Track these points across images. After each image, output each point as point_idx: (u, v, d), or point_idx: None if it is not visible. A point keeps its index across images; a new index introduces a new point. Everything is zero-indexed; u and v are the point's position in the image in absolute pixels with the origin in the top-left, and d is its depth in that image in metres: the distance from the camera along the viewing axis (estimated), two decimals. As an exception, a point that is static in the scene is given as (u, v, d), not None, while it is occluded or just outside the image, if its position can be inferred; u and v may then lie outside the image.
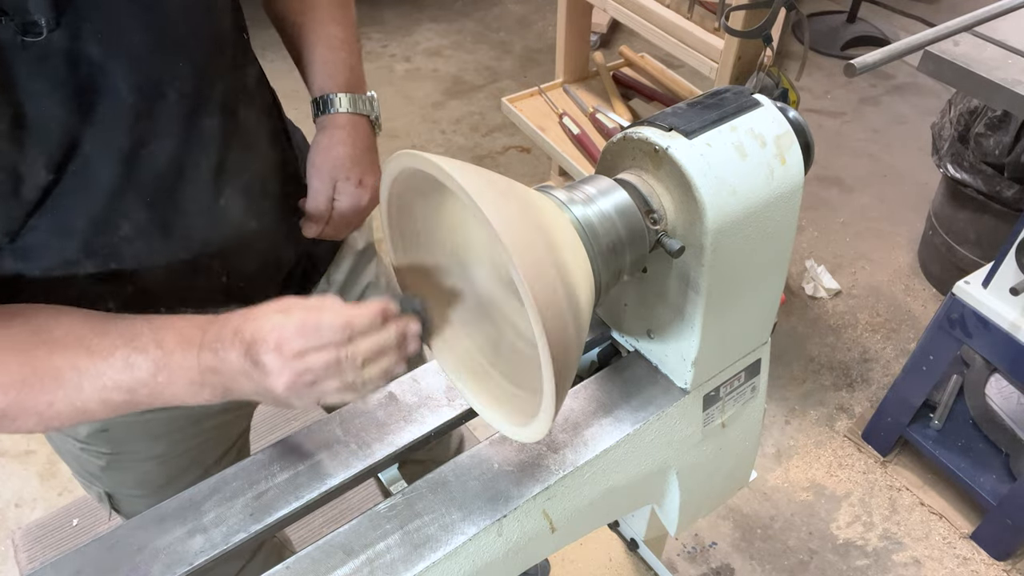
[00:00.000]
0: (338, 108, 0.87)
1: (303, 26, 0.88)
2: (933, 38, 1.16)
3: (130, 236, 0.71)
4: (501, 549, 0.62)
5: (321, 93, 0.88)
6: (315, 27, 0.87)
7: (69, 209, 0.66)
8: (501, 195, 0.52)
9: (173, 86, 0.68)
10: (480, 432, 1.79)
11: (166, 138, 0.69)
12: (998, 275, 1.50)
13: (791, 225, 0.66)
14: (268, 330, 0.58)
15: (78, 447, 0.88)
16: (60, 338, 0.62)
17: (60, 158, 0.63)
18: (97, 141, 0.64)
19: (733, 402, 0.77)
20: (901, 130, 3.07)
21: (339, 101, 0.87)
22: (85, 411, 0.62)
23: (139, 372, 0.61)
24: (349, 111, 0.87)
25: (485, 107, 3.11)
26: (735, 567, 1.78)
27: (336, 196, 0.88)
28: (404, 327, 0.60)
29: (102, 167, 0.66)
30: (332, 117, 0.87)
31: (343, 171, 0.87)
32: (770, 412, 2.08)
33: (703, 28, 1.69)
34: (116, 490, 0.94)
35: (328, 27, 0.87)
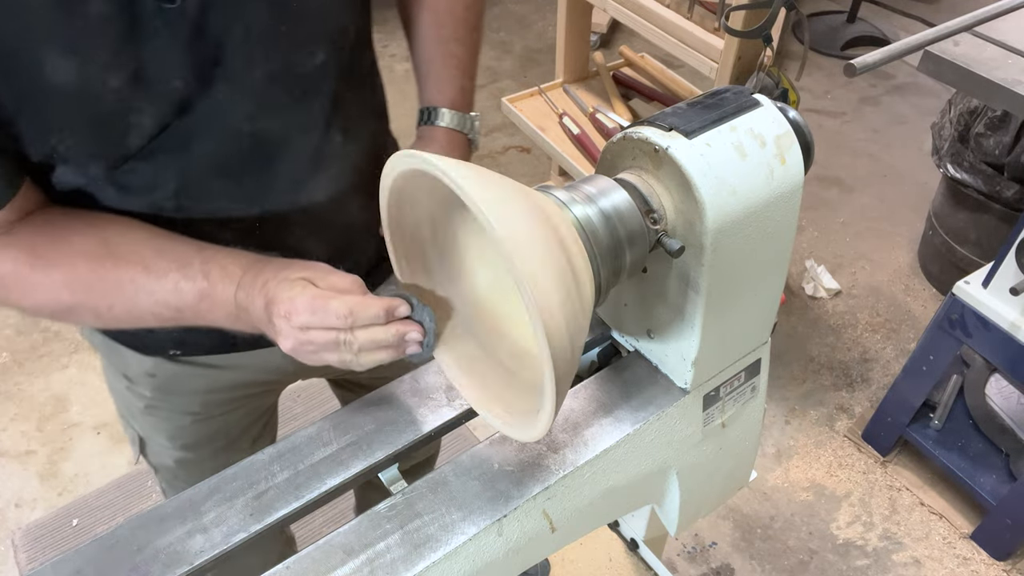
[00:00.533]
0: (440, 122, 0.91)
1: (428, 38, 0.91)
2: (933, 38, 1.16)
3: (216, 197, 0.76)
4: (501, 549, 0.62)
5: (428, 104, 0.92)
6: (439, 42, 0.90)
7: (166, 164, 0.71)
8: (501, 195, 0.52)
9: (290, 69, 0.72)
10: (480, 432, 1.79)
11: (273, 117, 0.73)
12: (998, 275, 1.50)
13: (791, 225, 0.66)
14: (284, 299, 0.63)
15: (125, 385, 0.95)
16: (124, 254, 0.69)
17: (170, 118, 0.67)
18: (207, 109, 0.68)
19: (733, 402, 0.77)
20: (901, 130, 3.07)
21: (442, 116, 0.90)
22: (139, 319, 0.71)
23: (186, 297, 0.68)
24: (450, 127, 0.91)
25: (485, 107, 3.10)
26: (735, 567, 1.78)
27: None
28: (404, 331, 0.63)
29: (206, 133, 0.70)
30: (432, 129, 0.91)
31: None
32: (770, 412, 2.08)
33: (703, 28, 1.69)
34: (149, 436, 1.01)
35: (450, 45, 0.91)
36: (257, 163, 0.75)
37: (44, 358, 2.19)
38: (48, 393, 2.11)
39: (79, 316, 0.72)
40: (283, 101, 0.73)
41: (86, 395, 2.10)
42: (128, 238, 0.71)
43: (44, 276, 0.68)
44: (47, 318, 0.74)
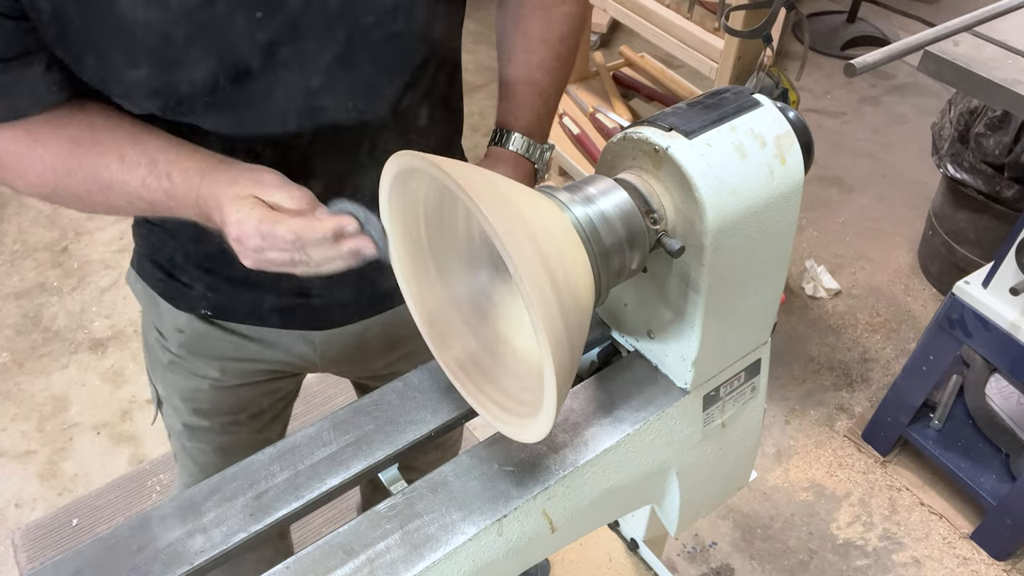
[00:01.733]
0: (510, 146, 0.91)
1: (516, 61, 0.91)
2: (933, 38, 1.16)
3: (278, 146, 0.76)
4: (501, 549, 0.62)
5: (502, 126, 0.92)
6: (525, 67, 0.91)
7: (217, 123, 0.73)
8: (501, 195, 0.52)
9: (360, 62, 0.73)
10: (480, 432, 1.79)
11: (333, 106, 0.74)
12: (998, 275, 1.50)
13: (791, 225, 0.66)
14: (233, 222, 0.64)
15: (155, 337, 0.98)
16: (104, 140, 0.70)
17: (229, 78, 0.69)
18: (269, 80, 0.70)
19: (733, 402, 0.77)
20: (901, 130, 3.07)
21: (514, 140, 0.90)
22: (117, 207, 0.73)
23: (154, 194, 0.70)
24: (519, 152, 0.91)
25: (485, 107, 3.10)
26: (735, 567, 1.78)
27: None
28: (356, 247, 0.64)
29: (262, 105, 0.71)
30: (501, 151, 0.91)
31: None
32: (770, 412, 2.08)
33: (703, 28, 1.69)
34: (167, 395, 1.03)
35: (536, 72, 0.90)
36: (310, 149, 0.76)
37: (44, 358, 2.19)
38: (48, 393, 2.11)
39: (64, 199, 0.74)
40: (346, 94, 0.74)
41: (86, 395, 2.10)
42: (111, 124, 0.71)
43: (36, 157, 0.70)
44: (40, 199, 0.76)
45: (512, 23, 0.91)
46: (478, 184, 0.51)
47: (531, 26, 0.90)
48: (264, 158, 0.75)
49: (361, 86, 0.75)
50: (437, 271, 0.68)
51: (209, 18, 0.64)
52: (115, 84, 0.69)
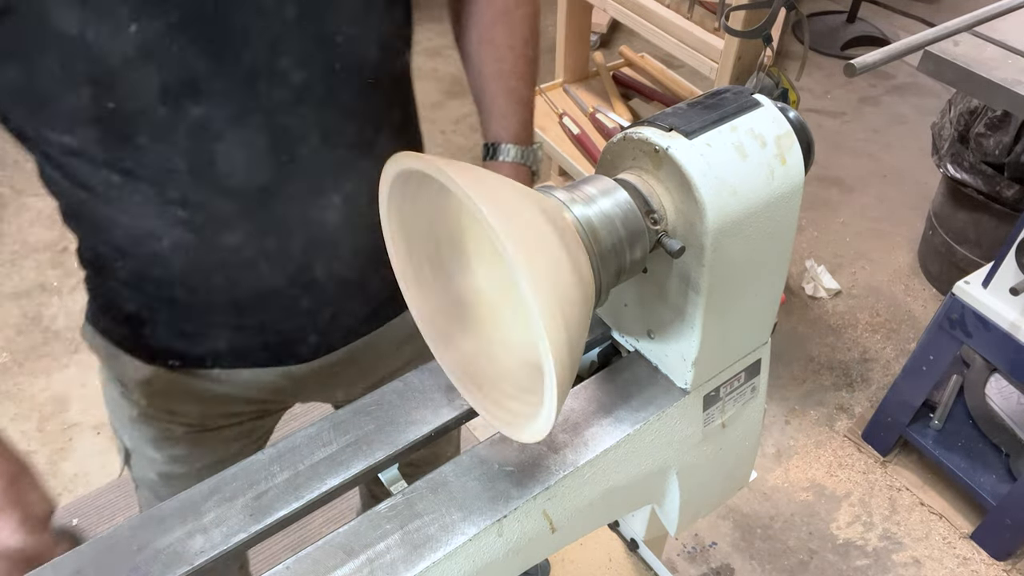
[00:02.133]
0: (506, 157, 0.93)
1: (489, 74, 0.92)
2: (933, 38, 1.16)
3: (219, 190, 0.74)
4: (501, 549, 0.62)
5: (494, 140, 0.93)
6: (500, 77, 0.92)
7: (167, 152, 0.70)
8: (500, 195, 0.52)
9: (312, 73, 0.71)
10: (480, 432, 1.79)
11: (286, 119, 0.72)
12: (998, 275, 1.50)
13: (791, 225, 0.66)
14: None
15: (119, 391, 0.94)
16: None
17: (174, 95, 0.67)
18: (219, 95, 0.68)
19: (733, 402, 0.77)
20: (901, 130, 3.07)
21: (508, 151, 0.93)
22: None
23: None
24: (515, 161, 0.93)
25: (485, 107, 3.11)
26: (735, 567, 1.78)
27: None
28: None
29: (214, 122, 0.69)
30: (499, 165, 0.93)
31: None
32: (770, 412, 2.08)
33: (703, 28, 1.69)
34: (136, 447, 0.99)
35: (511, 80, 0.92)
36: (264, 165, 0.75)
37: (44, 358, 2.19)
38: (48, 393, 2.11)
39: None
40: (298, 105, 0.72)
41: (86, 395, 2.10)
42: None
43: None
44: None
45: (476, 35, 0.92)
46: (477, 184, 0.51)
47: (496, 35, 0.91)
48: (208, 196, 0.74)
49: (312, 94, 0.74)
50: (437, 271, 0.68)
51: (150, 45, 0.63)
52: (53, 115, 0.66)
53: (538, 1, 0.93)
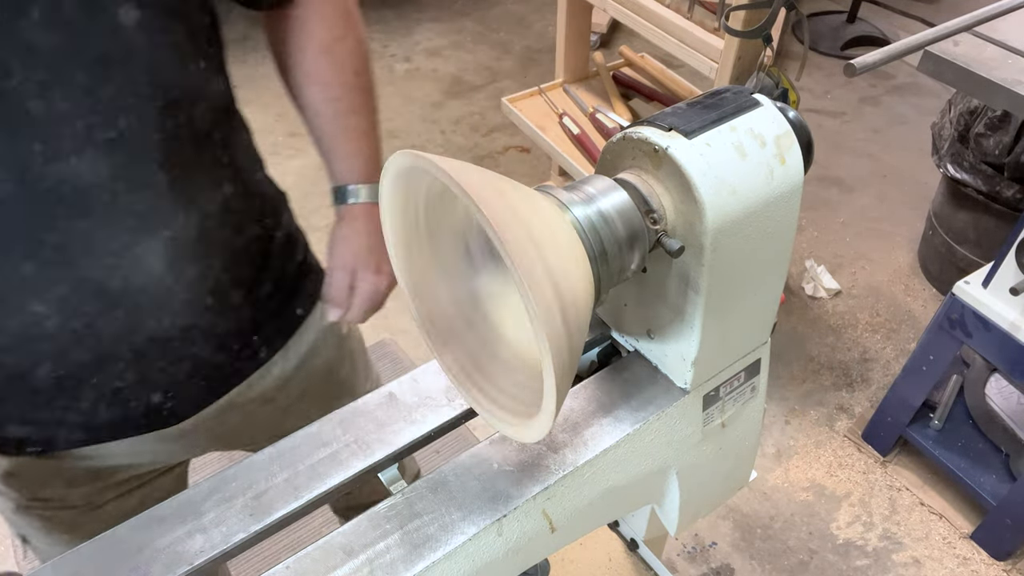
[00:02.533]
0: (357, 199, 0.89)
1: (324, 114, 0.87)
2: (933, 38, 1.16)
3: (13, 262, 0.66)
4: (501, 549, 0.62)
5: (340, 184, 0.89)
6: (336, 117, 0.87)
7: None
8: (500, 195, 0.52)
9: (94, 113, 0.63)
10: (480, 432, 1.79)
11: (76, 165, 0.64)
12: (998, 275, 1.50)
13: (791, 225, 0.66)
14: None
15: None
16: None
17: None
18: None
19: (733, 402, 0.77)
20: (901, 130, 3.07)
21: (358, 192, 0.89)
22: None
23: None
24: (367, 201, 0.89)
25: (485, 107, 3.11)
26: (735, 567, 1.78)
27: (356, 283, 0.92)
28: None
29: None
30: (350, 208, 0.89)
31: (362, 261, 0.91)
32: (770, 412, 2.08)
33: (703, 28, 1.69)
34: (32, 534, 0.91)
35: (349, 117, 0.87)
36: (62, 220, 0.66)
37: None
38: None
39: None
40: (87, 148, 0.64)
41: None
42: None
43: None
44: None
45: (301, 74, 0.86)
46: (477, 183, 0.51)
47: (323, 73, 0.85)
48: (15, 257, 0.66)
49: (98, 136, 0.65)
50: (436, 271, 0.68)
51: None
52: None
53: (362, 31, 0.88)
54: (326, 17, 0.84)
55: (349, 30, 0.86)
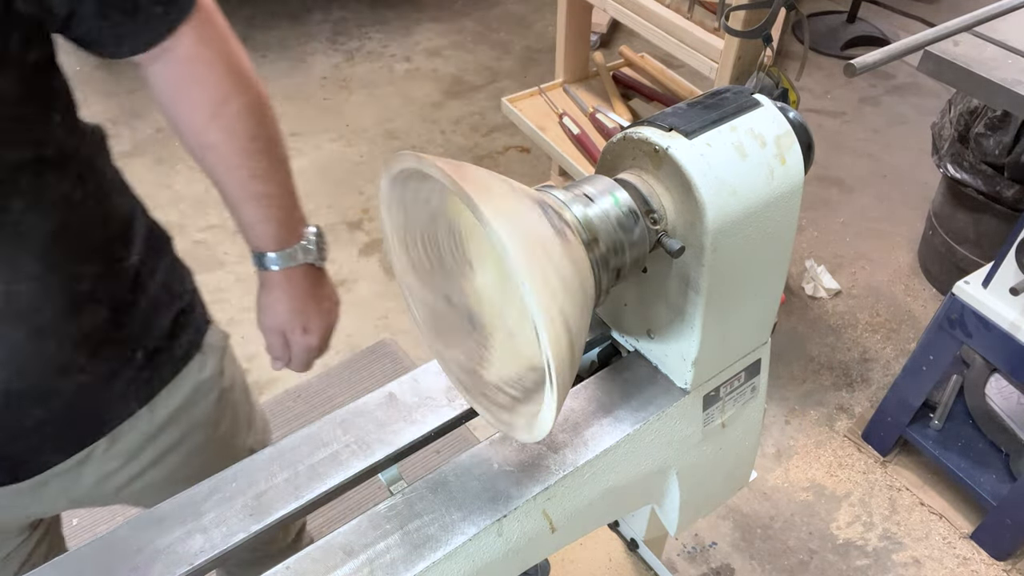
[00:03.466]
0: (272, 266, 0.87)
1: (226, 183, 0.83)
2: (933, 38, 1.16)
3: None
4: (501, 549, 0.62)
5: (254, 250, 0.88)
6: (239, 185, 0.82)
7: None
8: (500, 195, 0.52)
9: None
10: (480, 432, 1.79)
11: None
12: (998, 275, 1.50)
13: (791, 225, 0.66)
14: None
15: None
16: None
17: None
18: None
19: (733, 402, 0.77)
20: (901, 130, 3.07)
21: (272, 260, 0.87)
22: None
23: None
24: (283, 267, 0.87)
25: (485, 107, 3.11)
26: (735, 567, 1.78)
27: (289, 345, 0.95)
28: None
29: None
30: (269, 275, 0.89)
31: (287, 325, 0.92)
32: (770, 412, 2.08)
33: (703, 28, 1.69)
34: None
35: (251, 184, 0.82)
36: None
37: (44, 358, 2.19)
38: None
39: None
40: None
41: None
42: None
43: None
44: None
45: (195, 143, 0.80)
46: (477, 184, 0.51)
47: (215, 141, 0.79)
48: None
49: None
50: (436, 271, 0.68)
51: None
52: None
53: (255, 87, 0.81)
54: (206, 80, 0.76)
55: (235, 91, 0.78)
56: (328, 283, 0.96)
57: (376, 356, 2.17)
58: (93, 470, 0.86)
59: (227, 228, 2.55)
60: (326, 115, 3.04)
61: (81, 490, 0.88)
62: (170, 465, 0.92)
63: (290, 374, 2.10)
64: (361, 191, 2.70)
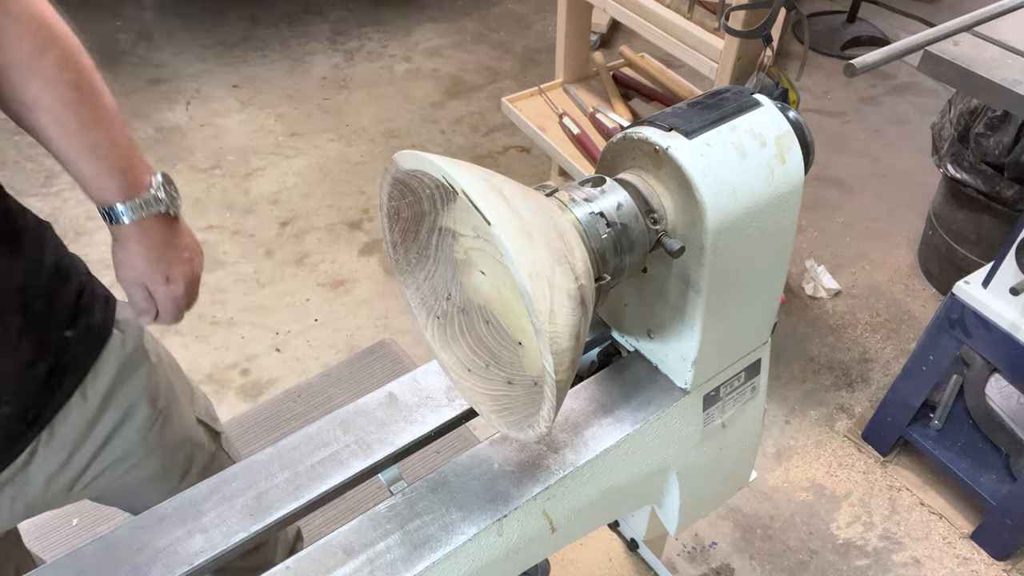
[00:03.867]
0: (122, 219, 0.84)
1: (57, 139, 0.79)
2: (933, 38, 1.16)
3: None
4: (501, 549, 0.62)
5: (100, 205, 0.84)
6: (73, 139, 0.79)
7: None
8: (500, 195, 0.52)
9: None
10: (480, 432, 1.79)
11: None
12: (998, 275, 1.50)
13: (791, 225, 0.66)
14: None
15: None
16: None
17: None
18: None
19: (733, 402, 0.77)
20: (901, 130, 3.07)
21: (121, 212, 0.83)
22: None
23: None
24: (134, 218, 0.84)
25: (485, 107, 3.11)
26: (735, 567, 1.78)
27: (153, 296, 0.90)
28: None
29: None
30: (119, 228, 0.85)
31: (148, 277, 0.89)
32: (770, 412, 2.08)
33: (703, 28, 1.69)
34: None
35: (84, 135, 0.79)
36: None
37: (44, 358, 2.19)
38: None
39: None
40: None
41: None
42: None
43: None
44: None
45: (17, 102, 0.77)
46: (477, 183, 0.51)
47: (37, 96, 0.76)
48: None
49: None
50: (436, 270, 0.68)
51: None
52: None
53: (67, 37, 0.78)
54: (14, 34, 0.74)
55: (48, 42, 0.76)
56: (186, 231, 0.93)
57: (376, 356, 2.17)
58: (39, 468, 0.86)
59: (227, 228, 2.55)
60: (326, 115, 3.04)
61: (34, 492, 0.87)
62: (120, 449, 0.92)
63: (289, 374, 2.11)
64: (361, 191, 2.70)
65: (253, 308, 2.31)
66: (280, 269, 2.44)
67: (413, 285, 0.69)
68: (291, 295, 2.36)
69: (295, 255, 2.48)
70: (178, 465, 1.00)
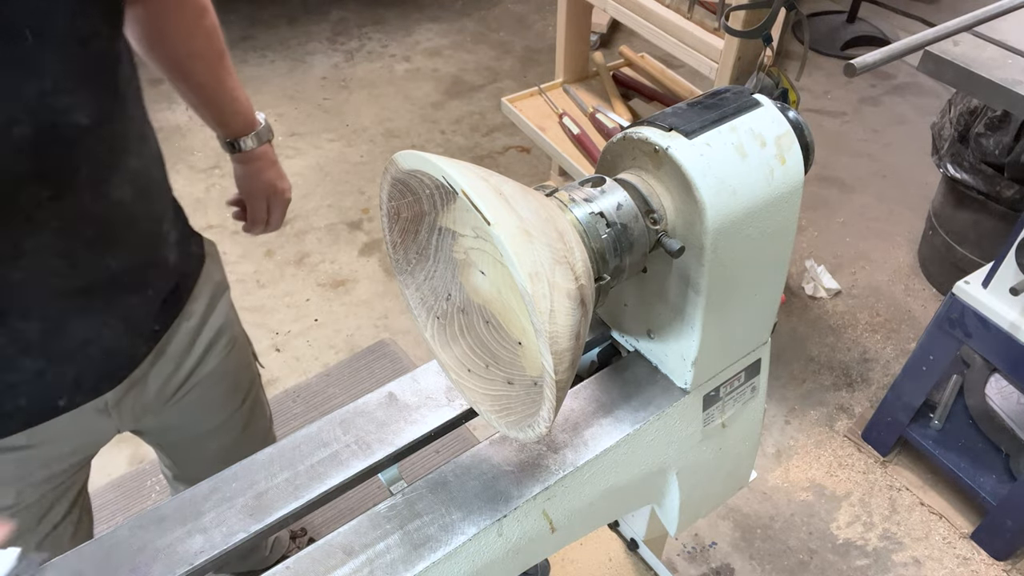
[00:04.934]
0: (249, 145, 1.09)
1: (209, 85, 1.02)
2: (933, 38, 1.16)
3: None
4: (501, 549, 0.62)
5: (233, 138, 1.08)
6: (220, 84, 1.02)
7: None
8: (500, 195, 0.52)
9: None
10: (480, 432, 1.79)
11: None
12: (998, 275, 1.50)
13: (791, 225, 0.66)
14: None
15: None
16: None
17: None
18: None
19: (733, 402, 0.77)
20: (901, 130, 3.07)
21: (250, 142, 1.09)
22: None
23: None
24: (254, 147, 1.09)
25: (485, 107, 3.11)
26: (735, 567, 1.78)
27: (270, 206, 1.16)
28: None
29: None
30: (245, 154, 1.10)
31: (270, 188, 1.15)
32: (770, 412, 2.08)
33: (703, 28, 1.69)
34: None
35: (228, 83, 1.03)
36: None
37: None
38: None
39: None
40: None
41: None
42: None
43: None
44: None
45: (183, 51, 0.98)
46: (477, 183, 0.51)
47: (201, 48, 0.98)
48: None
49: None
50: (436, 270, 0.68)
51: None
52: None
53: (212, 6, 1.00)
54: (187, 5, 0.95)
55: (203, 9, 0.97)
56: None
57: (376, 356, 2.17)
58: (157, 373, 0.97)
59: (227, 228, 2.55)
60: (326, 115, 3.04)
61: (147, 398, 0.98)
62: (209, 365, 1.05)
63: (289, 374, 2.10)
64: (361, 191, 2.70)
65: (253, 308, 2.31)
66: (280, 269, 2.44)
67: (413, 285, 0.69)
68: (291, 295, 2.36)
69: (295, 255, 2.48)
70: (243, 388, 1.16)
